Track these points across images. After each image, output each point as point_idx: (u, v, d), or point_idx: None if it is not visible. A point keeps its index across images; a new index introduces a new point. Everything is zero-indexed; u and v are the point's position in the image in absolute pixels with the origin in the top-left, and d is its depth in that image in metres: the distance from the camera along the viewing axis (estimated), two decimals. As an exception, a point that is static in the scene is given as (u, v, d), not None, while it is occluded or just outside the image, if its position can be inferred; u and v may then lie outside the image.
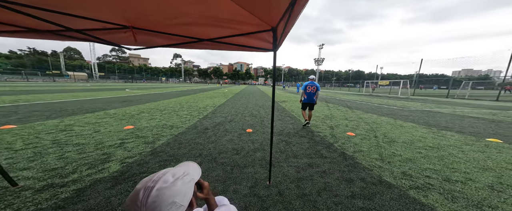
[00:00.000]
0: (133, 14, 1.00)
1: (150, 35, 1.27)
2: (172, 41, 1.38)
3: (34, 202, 1.27)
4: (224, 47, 1.48)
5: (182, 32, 1.23)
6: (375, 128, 4.07)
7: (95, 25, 1.10)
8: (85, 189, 1.47)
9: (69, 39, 1.32)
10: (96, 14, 0.99)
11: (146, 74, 65.85)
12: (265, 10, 0.89)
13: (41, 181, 1.53)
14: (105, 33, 1.21)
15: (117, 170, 1.82)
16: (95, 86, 17.65)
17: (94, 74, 45.49)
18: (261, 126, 4.03)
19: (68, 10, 0.93)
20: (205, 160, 2.20)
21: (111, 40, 1.31)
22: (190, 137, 3.03)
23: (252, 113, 5.66)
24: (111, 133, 3.03)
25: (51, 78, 35.63)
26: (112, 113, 4.76)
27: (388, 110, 7.21)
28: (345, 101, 10.67)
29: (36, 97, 7.38)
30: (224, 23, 1.08)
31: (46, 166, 1.79)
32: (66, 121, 3.70)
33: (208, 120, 4.42)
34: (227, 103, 7.73)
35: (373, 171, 1.99)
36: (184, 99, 8.96)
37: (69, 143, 2.45)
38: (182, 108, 6.02)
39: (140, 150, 2.39)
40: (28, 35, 1.24)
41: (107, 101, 6.85)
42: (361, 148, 2.68)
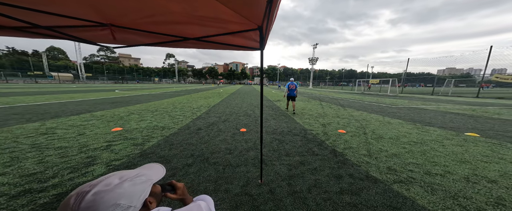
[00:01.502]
0: (110, 11, 0.97)
1: (130, 34, 1.24)
2: (156, 40, 1.35)
3: (8, 208, 1.19)
4: (211, 46, 1.47)
5: (165, 31, 1.21)
6: (365, 125, 4.19)
7: (66, 22, 1.05)
8: (66, 194, 1.40)
9: (39, 36, 1.24)
10: (66, 10, 0.94)
11: (137, 74, 63.77)
12: (248, 8, 0.90)
13: (18, 186, 1.44)
14: (80, 30, 1.16)
15: (102, 173, 1.75)
16: (82, 88, 16.83)
17: (80, 75, 43.34)
18: (255, 125, 4.03)
19: (33, 5, 0.87)
20: (197, 160, 2.17)
21: (87, 38, 1.26)
22: (182, 138, 2.97)
23: (247, 112, 5.65)
24: (97, 135, 2.91)
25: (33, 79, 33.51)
26: (99, 114, 4.56)
27: (377, 107, 7.46)
28: (338, 99, 10.92)
29: (16, 99, 6.92)
30: (209, 22, 1.07)
31: (24, 171, 1.68)
32: (48, 123, 3.50)
33: (202, 120, 4.36)
34: (222, 103, 7.66)
35: (361, 166, 2.05)
36: (177, 100, 8.77)
37: (50, 147, 2.32)
38: (175, 109, 5.90)
39: (128, 152, 2.31)
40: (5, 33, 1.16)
41: (94, 103, 6.56)
42: (351, 145, 2.76)
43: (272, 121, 4.55)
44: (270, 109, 6.67)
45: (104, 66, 57.75)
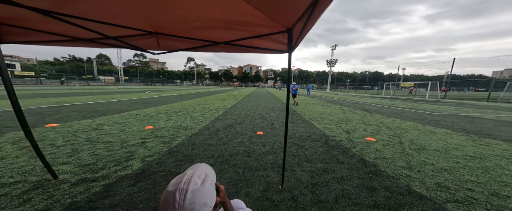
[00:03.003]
0: (156, 21, 1.06)
1: (170, 40, 1.35)
2: (190, 45, 1.44)
3: (70, 194, 1.41)
4: (239, 50, 1.49)
5: (198, 36, 1.28)
6: (400, 133, 3.72)
7: (126, 32, 1.20)
8: (112, 185, 1.58)
9: (106, 46, 1.46)
10: (127, 21, 1.07)
11: (163, 77, 70.07)
12: (281, 12, 0.88)
13: (77, 175, 1.70)
14: (135, 39, 1.31)
15: (139, 168, 1.93)
16: (121, 89, 19.26)
17: (120, 78, 49.79)
18: (271, 128, 3.97)
19: (106, 19, 1.02)
20: (217, 161, 2.23)
21: (139, 45, 1.42)
22: (203, 138, 3.11)
23: (262, 115, 5.63)
24: (134, 132, 3.26)
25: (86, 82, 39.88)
26: (134, 113, 5.13)
27: (414, 114, 6.52)
28: (362, 104, 9.99)
29: (74, 99, 8.30)
30: (237, 26, 1.09)
31: (81, 162, 1.98)
32: (98, 120, 4.08)
33: (220, 121, 4.51)
34: (237, 106, 7.82)
35: (400, 180, 1.81)
36: (197, 101, 9.30)
37: (99, 141, 2.69)
38: (195, 110, 6.25)
39: (159, 149, 2.52)
40: (74, 44, 1.41)
41: (130, 103, 7.41)
42: (384, 155, 2.47)
43: (289, 125, 4.43)
44: (283, 111, 6.53)
45: (137, 70, 65.29)
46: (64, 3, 0.83)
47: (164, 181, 1.72)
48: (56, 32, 1.19)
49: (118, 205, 1.34)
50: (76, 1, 0.82)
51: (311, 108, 7.87)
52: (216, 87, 44.31)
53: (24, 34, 1.19)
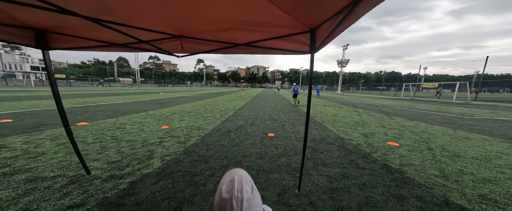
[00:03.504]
0: (180, 24, 1.09)
1: (193, 43, 1.39)
2: (211, 47, 1.46)
3: (102, 190, 1.52)
4: (258, 51, 1.48)
5: (219, 38, 1.30)
6: (427, 138, 3.44)
7: (154, 36, 1.26)
8: (136, 182, 1.68)
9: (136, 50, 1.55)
10: (154, 25, 1.11)
11: (175, 78, 73.18)
12: (306, 12, 0.87)
13: (106, 171, 1.83)
14: (161, 43, 1.37)
15: (159, 167, 2.02)
16: (138, 90, 20.50)
17: (137, 79, 53.03)
18: (282, 130, 3.92)
19: (138, 24, 1.08)
20: (231, 162, 2.26)
21: (166, 49, 1.48)
22: (215, 139, 3.17)
23: (272, 116, 5.59)
24: (152, 131, 3.43)
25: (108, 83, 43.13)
26: (152, 113, 5.41)
27: (441, 117, 5.97)
28: (379, 106, 9.42)
29: (98, 99, 9.02)
30: (258, 27, 1.09)
31: (109, 159, 2.13)
32: (120, 119, 4.38)
33: (230, 122, 4.57)
34: (246, 107, 7.86)
35: (434, 189, 1.67)
36: (207, 102, 9.54)
37: (123, 139, 2.88)
38: (206, 111, 6.41)
39: (175, 149, 2.62)
40: (108, 49, 1.51)
41: (147, 103, 7.84)
42: (412, 161, 2.30)
43: (300, 127, 4.32)
44: (296, 113, 6.40)
45: (152, 72, 69.04)
46: (108, 11, 0.89)
47: (182, 181, 1.77)
48: (95, 38, 1.30)
49: (143, 202, 1.42)
50: (117, 9, 0.88)
51: (322, 110, 7.58)
52: (224, 88, 45.11)
53: (69, 41, 1.32)
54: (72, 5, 0.81)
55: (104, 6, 0.85)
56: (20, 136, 2.83)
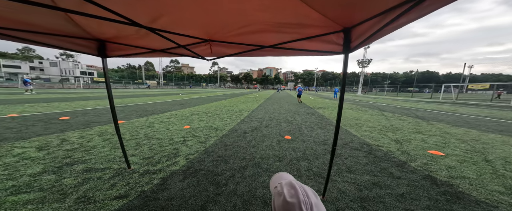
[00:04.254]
0: (210, 28, 1.14)
1: (221, 46, 1.44)
2: (237, 50, 1.49)
3: (140, 184, 1.69)
4: (285, 53, 1.45)
5: (246, 41, 1.32)
6: (482, 148, 2.97)
7: (190, 41, 1.34)
8: (166, 179, 1.82)
9: (173, 55, 1.68)
10: (189, 30, 1.18)
11: (192, 81, 77.78)
12: (344, 10, 0.82)
13: (142, 166, 2.03)
14: (194, 47, 1.44)
15: (184, 165, 2.16)
16: (162, 92, 22.41)
17: (160, 82, 58.13)
18: (299, 133, 3.81)
19: (178, 30, 1.15)
20: (249, 164, 2.27)
21: (198, 52, 1.56)
22: (233, 140, 3.24)
23: (287, 119, 5.48)
24: (176, 131, 3.69)
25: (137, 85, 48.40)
26: (174, 113, 5.84)
27: (498, 124, 5.09)
28: (411, 110, 8.46)
29: (132, 100, 10.14)
30: (287, 28, 1.08)
31: (144, 155, 2.37)
32: (150, 119, 4.84)
33: (246, 124, 4.63)
34: (260, 109, 7.87)
35: (499, 208, 1.44)
36: (222, 103, 9.86)
37: (153, 137, 3.16)
38: (222, 112, 6.63)
39: (197, 148, 2.76)
40: (151, 55, 1.65)
41: (170, 104, 8.51)
42: (464, 174, 2.02)
43: (318, 130, 4.14)
44: (312, 116, 6.15)
45: (172, 75, 74.81)
46: (158, 19, 0.98)
47: (205, 180, 1.85)
48: (141, 46, 1.46)
49: (173, 198, 1.52)
50: (165, 17, 0.96)
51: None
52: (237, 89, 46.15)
53: (122, 49, 1.50)
54: (137, 16, 0.92)
55: (156, 16, 0.94)
56: (75, 131, 3.36)
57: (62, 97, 10.06)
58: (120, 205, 1.35)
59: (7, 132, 3.09)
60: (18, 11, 0.88)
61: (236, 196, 1.62)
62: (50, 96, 10.02)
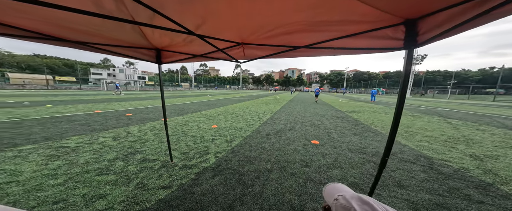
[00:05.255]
0: (244, 31, 1.14)
1: (253, 49, 1.45)
2: (270, 52, 1.46)
3: (179, 176, 1.91)
4: (323, 52, 1.32)
5: (278, 42, 1.27)
6: None
7: (226, 45, 1.41)
8: (199, 174, 1.98)
9: (210, 59, 1.81)
10: (225, 35, 1.23)
11: (217, 83, 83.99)
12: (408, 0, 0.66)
13: (181, 161, 2.30)
14: (230, 50, 1.51)
15: (214, 162, 2.30)
16: (193, 93, 25.18)
17: (192, 84, 65.68)
18: (329, 139, 3.46)
19: (219, 35, 1.20)
20: (274, 167, 2.21)
21: (233, 55, 1.63)
22: (257, 141, 3.25)
23: (313, 122, 5.10)
24: (206, 129, 4.03)
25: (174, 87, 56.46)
26: (204, 113, 6.42)
27: None
28: (495, 117, 6.48)
29: (170, 101, 11.84)
30: (326, 27, 0.97)
31: (181, 150, 2.68)
32: (185, 117, 5.49)
33: (269, 126, 4.57)
34: (283, 111, 7.65)
35: None
36: (245, 104, 10.15)
37: (188, 135, 3.55)
38: (245, 113, 6.80)
39: (224, 147, 2.91)
40: (193, 60, 1.83)
41: (200, 105, 9.43)
42: None
43: (353, 136, 3.66)
44: (343, 120, 5.50)
45: (201, 77, 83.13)
46: (202, 25, 1.06)
47: (233, 179, 1.90)
48: (186, 52, 1.64)
49: (206, 194, 1.64)
50: (204, 24, 1.03)
51: (383, 118, 6.05)
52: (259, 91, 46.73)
53: (172, 56, 1.74)
54: (188, 25, 1.01)
55: (199, 23, 1.01)
56: (135, 125, 4.18)
57: (126, 97, 12.80)
58: (165, 195, 1.55)
59: (95, 124, 4.15)
60: (109, 30, 1.13)
61: (262, 198, 1.59)
62: (119, 97, 12.95)
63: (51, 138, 2.98)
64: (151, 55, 1.68)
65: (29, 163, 2.00)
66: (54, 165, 1.99)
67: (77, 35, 1.14)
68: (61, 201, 1.42)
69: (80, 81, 31.86)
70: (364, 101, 13.95)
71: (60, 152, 2.37)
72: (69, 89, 24.39)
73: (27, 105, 6.73)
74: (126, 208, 1.36)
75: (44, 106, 6.81)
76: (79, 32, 1.10)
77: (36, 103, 7.31)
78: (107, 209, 1.35)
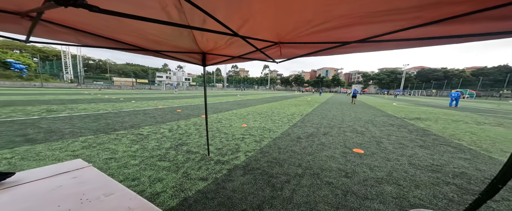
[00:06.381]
0: (281, 30, 1.10)
1: (291, 48, 1.38)
2: (311, 50, 1.36)
3: (214, 170, 2.10)
4: (381, 46, 1.09)
5: (322, 39, 1.14)
6: None
7: (263, 44, 1.41)
8: (231, 171, 2.09)
9: (246, 60, 1.90)
10: (261, 35, 1.22)
11: (246, 83, 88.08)
12: None
13: (216, 156, 2.53)
14: (267, 50, 1.52)
15: (243, 161, 2.38)
16: (225, 93, 27.66)
17: (224, 84, 72.46)
18: (378, 148, 2.83)
19: (254, 35, 1.21)
20: (306, 172, 2.04)
21: (269, 55, 1.64)
22: (286, 144, 3.10)
23: (354, 128, 4.34)
24: (236, 128, 4.27)
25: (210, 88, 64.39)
26: (235, 112, 6.87)
27: None
28: None
29: (208, 99, 13.51)
30: (383, 17, 0.77)
31: (216, 146, 2.97)
32: (219, 115, 6.09)
33: (299, 128, 4.27)
34: (315, 113, 6.97)
35: None
36: (273, 105, 10.03)
37: (221, 131, 3.90)
38: (273, 114, 6.69)
39: (253, 146, 2.96)
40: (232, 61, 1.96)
41: (231, 104, 10.18)
42: None
43: (418, 149, 2.85)
44: (402, 129, 4.39)
45: (232, 78, 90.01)
46: (240, 28, 1.10)
47: (262, 180, 1.89)
48: (227, 54, 1.80)
49: (236, 190, 1.70)
50: (245, 25, 1.06)
51: (474, 130, 4.38)
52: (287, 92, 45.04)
53: (214, 58, 1.95)
54: (235, 28, 1.08)
55: (241, 24, 1.04)
56: (183, 120, 5.06)
57: (178, 96, 15.83)
58: (203, 186, 1.75)
59: (159, 117, 5.36)
60: (174, 38, 1.37)
61: (293, 204, 1.50)
62: (174, 95, 16.24)
63: (134, 126, 4.10)
64: (198, 58, 1.94)
65: (122, 145, 2.83)
66: (134, 148, 2.72)
67: (154, 45, 1.48)
68: (136, 179, 1.82)
69: (150, 83, 42.59)
70: (437, 107, 10.41)
71: (138, 138, 3.21)
72: (144, 89, 32.93)
73: (121, 101, 9.66)
74: (174, 194, 1.60)
75: (130, 101, 9.53)
76: (155, 42, 1.42)
77: (126, 100, 10.35)
78: (162, 191, 1.62)
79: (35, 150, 2.40)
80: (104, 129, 3.66)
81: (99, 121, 4.39)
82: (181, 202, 1.48)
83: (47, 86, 22.98)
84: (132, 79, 40.06)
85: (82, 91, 18.05)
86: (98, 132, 3.42)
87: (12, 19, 0.92)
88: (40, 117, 4.52)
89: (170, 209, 1.42)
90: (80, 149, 2.54)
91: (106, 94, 13.62)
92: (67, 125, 3.86)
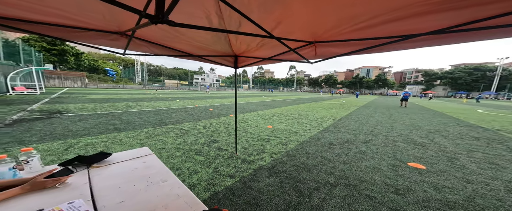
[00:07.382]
0: (319, 28, 1.03)
1: (329, 46, 1.29)
2: (355, 48, 1.21)
3: (241, 169, 2.21)
4: (464, 37, 0.85)
5: (370, 35, 1.00)
6: None
7: (297, 44, 1.38)
8: (256, 171, 2.14)
9: (278, 61, 1.92)
10: (295, 34, 1.18)
11: (271, 84, 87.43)
12: None
13: (243, 155, 2.67)
14: (300, 50, 1.46)
15: (269, 162, 2.37)
16: (250, 94, 28.58)
17: (250, 85, 75.12)
18: (450, 166, 2.19)
19: (288, 36, 1.19)
20: (340, 182, 1.83)
21: (303, 55, 1.57)
22: (316, 149, 2.86)
23: (410, 138, 3.50)
24: (262, 129, 4.33)
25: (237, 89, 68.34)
26: (260, 113, 6.98)
27: None
28: None
29: (232, 100, 14.43)
30: None
31: (243, 145, 3.12)
32: (245, 115, 6.38)
33: (331, 133, 3.83)
34: (352, 117, 6.05)
35: None
36: (299, 107, 9.47)
37: (247, 131, 4.06)
38: (300, 116, 6.31)
39: (279, 149, 2.90)
40: (264, 62, 2.05)
41: (256, 105, 10.41)
42: None
43: (488, 170, 1.98)
44: (495, 144, 3.27)
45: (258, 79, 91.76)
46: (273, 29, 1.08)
47: (288, 184, 1.83)
48: (258, 56, 1.88)
49: (261, 192, 1.72)
50: (279, 26, 1.04)
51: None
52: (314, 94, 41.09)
53: (245, 61, 2.09)
54: (269, 29, 1.10)
55: (274, 26, 1.05)
56: (214, 119, 5.64)
57: (210, 96, 17.83)
58: (230, 183, 1.87)
59: (196, 115, 6.23)
60: (213, 43, 1.56)
61: None
62: (207, 95, 18.45)
63: (178, 121, 4.95)
64: (231, 61, 2.11)
65: (170, 137, 3.49)
66: (178, 141, 3.28)
67: (198, 50, 1.74)
68: (179, 169, 2.08)
69: (189, 84, 50.29)
70: None
71: (181, 132, 3.86)
72: (184, 90, 39.03)
73: (170, 99, 11.89)
74: (207, 187, 1.74)
75: (175, 100, 11.57)
76: (199, 48, 1.67)
77: (173, 99, 12.66)
78: (197, 184, 1.78)
79: (119, 136, 3.35)
80: (159, 122, 4.61)
81: (156, 115, 5.58)
82: (212, 195, 1.64)
83: (127, 87, 31.19)
84: (177, 81, 48.60)
85: (145, 91, 23.34)
86: (155, 125, 4.36)
87: (114, 37, 1.31)
88: (122, 111, 6.25)
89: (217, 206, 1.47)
90: (144, 138, 3.32)
91: (160, 94, 17.04)
92: (137, 117, 5.13)
